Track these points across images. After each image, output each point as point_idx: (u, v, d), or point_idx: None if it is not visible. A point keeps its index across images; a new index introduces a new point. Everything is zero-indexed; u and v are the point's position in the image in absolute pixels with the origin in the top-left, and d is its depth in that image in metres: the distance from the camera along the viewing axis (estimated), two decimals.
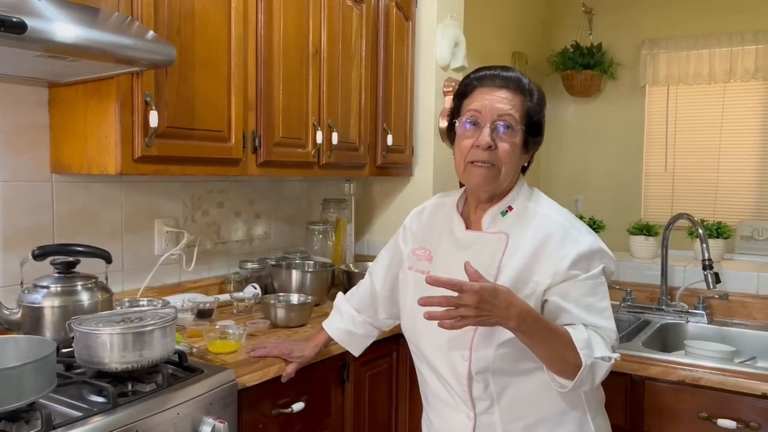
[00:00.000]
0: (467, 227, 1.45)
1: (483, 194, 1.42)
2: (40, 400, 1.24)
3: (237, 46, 1.97)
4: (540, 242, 1.35)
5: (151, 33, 1.60)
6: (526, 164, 1.46)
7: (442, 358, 1.41)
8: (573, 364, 1.25)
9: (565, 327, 1.29)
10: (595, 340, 1.29)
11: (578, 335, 1.26)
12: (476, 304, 1.17)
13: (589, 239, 1.36)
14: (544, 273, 1.33)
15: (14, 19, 1.24)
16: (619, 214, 3.96)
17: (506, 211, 1.41)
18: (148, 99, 1.71)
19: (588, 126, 5.02)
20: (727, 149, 4.61)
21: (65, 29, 1.34)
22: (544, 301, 1.34)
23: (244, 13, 1.99)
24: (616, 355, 1.31)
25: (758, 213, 4.53)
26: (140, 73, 1.70)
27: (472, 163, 1.37)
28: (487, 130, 1.34)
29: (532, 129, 1.39)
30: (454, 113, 1.45)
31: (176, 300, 2.00)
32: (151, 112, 1.70)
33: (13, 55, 1.41)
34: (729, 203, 4.59)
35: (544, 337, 1.25)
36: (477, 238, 1.42)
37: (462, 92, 1.43)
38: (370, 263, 2.63)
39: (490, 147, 1.34)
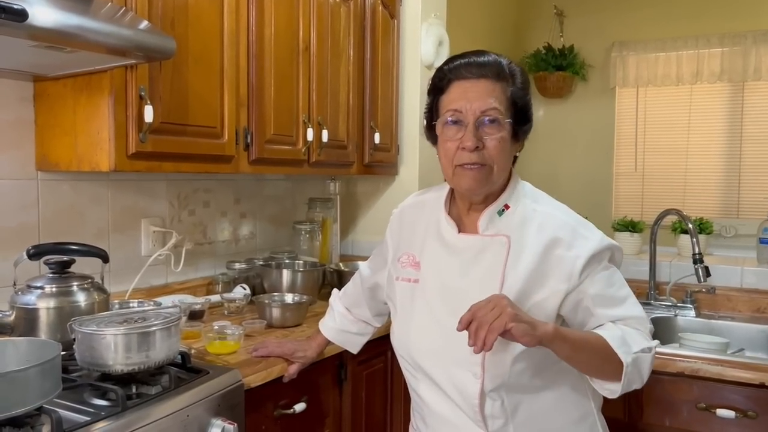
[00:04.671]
0: (459, 230, 1.35)
1: (477, 197, 1.31)
2: (45, 405, 1.18)
3: (229, 40, 1.93)
4: (548, 244, 1.26)
5: (145, 23, 1.56)
6: (517, 154, 1.35)
7: (445, 375, 1.30)
8: (616, 366, 1.19)
9: (595, 331, 1.23)
10: (629, 335, 1.23)
11: (611, 335, 1.20)
12: (492, 305, 1.11)
13: (597, 235, 1.29)
14: (558, 278, 1.25)
15: (16, 7, 1.18)
16: (590, 214, 3.98)
17: (503, 210, 1.31)
18: (142, 93, 1.66)
19: (559, 127, 5.08)
20: (694, 149, 4.73)
21: (66, 18, 1.29)
22: (562, 305, 1.27)
23: (236, 7, 1.95)
24: (654, 343, 1.26)
25: (725, 211, 4.65)
26: (134, 66, 1.65)
27: (460, 166, 1.26)
28: (471, 129, 1.23)
29: (519, 116, 1.28)
30: (432, 112, 1.34)
31: (167, 301, 1.95)
32: (146, 106, 1.66)
33: (6, 45, 1.35)
34: (697, 202, 4.70)
35: (579, 346, 1.19)
36: (473, 242, 1.32)
37: (437, 87, 1.31)
38: (360, 262, 2.64)
39: (477, 147, 1.23)
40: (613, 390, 1.24)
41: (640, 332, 1.27)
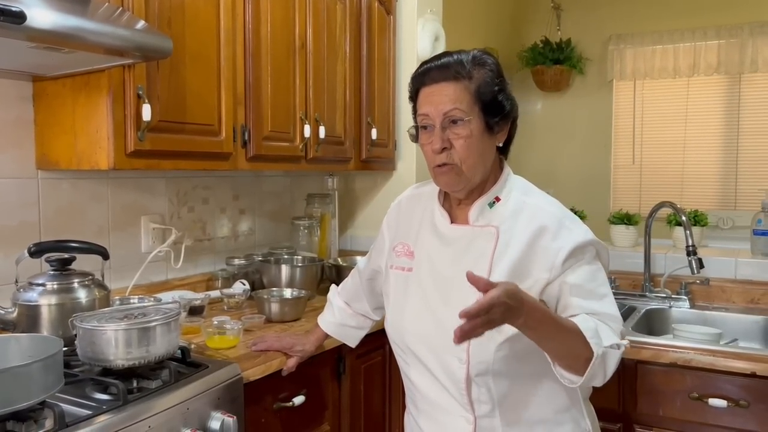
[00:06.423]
0: (452, 221, 1.39)
1: (459, 194, 1.37)
2: (48, 399, 1.21)
3: (226, 38, 1.95)
4: (534, 235, 1.29)
5: (142, 23, 1.58)
6: (500, 145, 1.37)
7: (436, 361, 1.35)
8: (584, 357, 1.18)
9: (570, 319, 1.24)
10: (602, 329, 1.23)
11: (585, 325, 1.20)
12: (502, 316, 1.08)
13: (582, 229, 1.32)
14: (541, 267, 1.28)
15: (14, 9, 1.21)
16: (588, 207, 4.00)
17: (493, 203, 1.36)
18: (140, 92, 1.68)
19: (557, 120, 5.10)
20: (691, 142, 4.74)
21: (64, 20, 1.31)
22: (543, 294, 1.29)
23: (232, 6, 1.97)
24: (624, 342, 1.26)
25: (722, 203, 4.67)
26: (132, 65, 1.67)
27: (435, 168, 1.32)
28: (437, 132, 1.28)
29: (489, 109, 1.30)
30: (415, 118, 1.37)
31: (167, 297, 1.97)
32: (143, 105, 1.68)
33: (5, 46, 1.37)
34: (694, 194, 4.72)
35: (551, 331, 1.17)
36: (464, 232, 1.36)
37: (410, 96, 1.38)
38: (358, 257, 2.67)
39: (445, 148, 1.28)
40: (572, 381, 1.23)
41: (611, 329, 1.27)
